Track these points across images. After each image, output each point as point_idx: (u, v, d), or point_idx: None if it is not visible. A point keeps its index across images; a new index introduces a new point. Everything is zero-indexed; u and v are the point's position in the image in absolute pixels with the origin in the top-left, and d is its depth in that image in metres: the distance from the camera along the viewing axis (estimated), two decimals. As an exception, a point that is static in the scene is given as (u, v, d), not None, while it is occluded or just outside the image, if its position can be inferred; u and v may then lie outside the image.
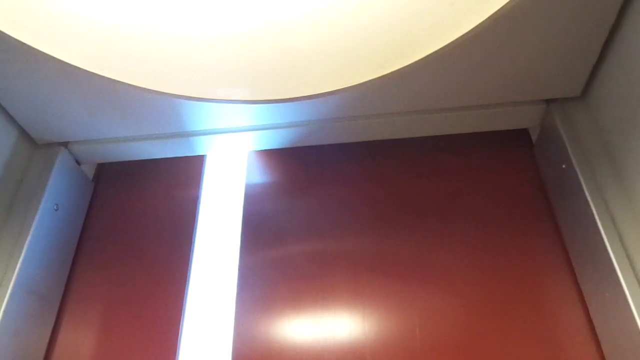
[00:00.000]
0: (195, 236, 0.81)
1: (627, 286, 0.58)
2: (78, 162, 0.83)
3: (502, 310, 0.70)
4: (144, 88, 0.59)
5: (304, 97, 0.64)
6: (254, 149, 0.81)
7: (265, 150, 0.82)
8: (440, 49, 0.62)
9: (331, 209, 0.82)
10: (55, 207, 0.75)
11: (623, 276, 0.59)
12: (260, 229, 0.81)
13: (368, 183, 0.84)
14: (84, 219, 0.84)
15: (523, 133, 0.85)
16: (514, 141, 0.86)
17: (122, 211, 0.85)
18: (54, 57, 0.59)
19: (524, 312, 0.70)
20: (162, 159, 0.84)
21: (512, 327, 0.69)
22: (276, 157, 0.88)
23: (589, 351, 0.66)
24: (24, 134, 0.76)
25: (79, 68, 0.60)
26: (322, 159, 0.88)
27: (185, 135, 0.78)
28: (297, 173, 0.87)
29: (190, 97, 0.58)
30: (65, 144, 0.79)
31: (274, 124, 0.76)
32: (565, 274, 0.72)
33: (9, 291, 0.65)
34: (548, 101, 0.75)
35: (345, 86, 0.66)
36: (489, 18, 0.59)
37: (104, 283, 0.78)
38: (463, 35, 0.61)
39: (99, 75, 0.60)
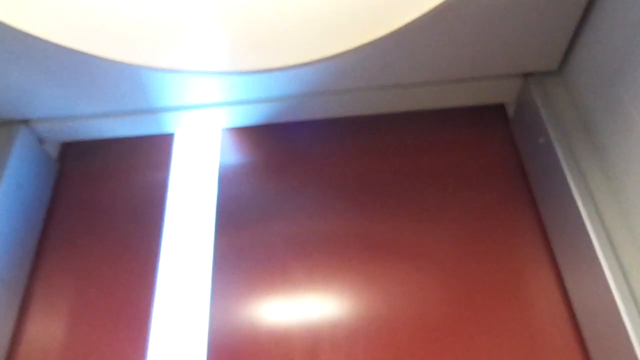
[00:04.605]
0: (164, 219, 0.78)
1: (604, 260, 0.58)
2: (40, 141, 0.79)
3: (478, 288, 0.70)
4: (110, 59, 0.56)
5: (277, 68, 0.62)
6: (228, 125, 0.78)
7: (239, 127, 0.79)
8: (414, 20, 0.61)
9: (306, 189, 0.80)
10: (16, 189, 0.71)
11: (601, 249, 0.59)
12: (235, 211, 0.79)
13: (340, 161, 0.83)
14: (48, 201, 0.80)
15: (499, 108, 0.85)
16: (490, 117, 0.85)
17: (88, 193, 0.82)
18: (12, 26, 0.55)
19: (501, 290, 0.70)
20: (130, 137, 0.80)
21: (488, 306, 0.69)
22: (250, 134, 0.86)
23: (566, 330, 0.66)
24: (-19, 111, 0.72)
25: (39, 38, 0.57)
26: (295, 136, 0.86)
27: (155, 111, 0.74)
28: (271, 151, 0.85)
29: (159, 68, 0.56)
30: (26, 122, 0.75)
31: (246, 99, 0.73)
32: (542, 250, 0.72)
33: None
34: (525, 75, 0.75)
35: (316, 58, 0.63)
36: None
37: (70, 267, 0.75)
38: (438, 6, 0.60)
39: (61, 46, 0.57)
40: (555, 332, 0.66)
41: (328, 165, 0.82)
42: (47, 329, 0.70)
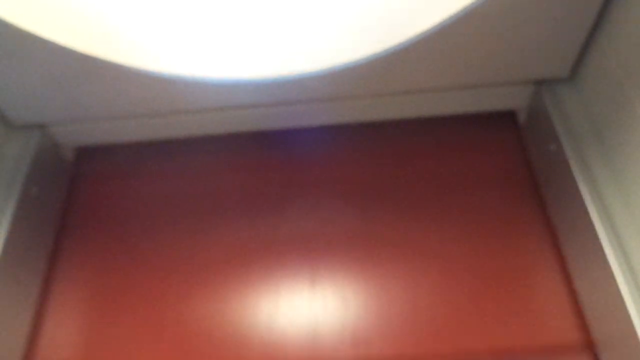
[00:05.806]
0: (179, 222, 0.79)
1: (618, 268, 0.58)
2: (56, 146, 0.80)
3: (488, 291, 0.70)
4: (125, 64, 0.57)
5: (292, 74, 0.62)
6: (244, 129, 0.79)
7: (254, 131, 0.80)
8: (427, 29, 0.61)
9: (314, 192, 0.81)
10: (33, 193, 0.72)
11: (614, 257, 0.59)
12: (241, 210, 0.80)
13: (351, 166, 0.83)
14: (64, 205, 0.81)
15: (510, 115, 0.85)
16: (500, 123, 0.85)
17: (104, 196, 0.83)
18: (30, 30, 0.56)
19: (510, 295, 0.69)
20: (146, 140, 0.81)
21: (497, 309, 0.69)
22: (259, 138, 0.87)
23: (575, 331, 0.66)
24: (-1, 115, 0.73)
25: (55, 43, 0.58)
26: (305, 141, 0.87)
27: (170, 115, 0.75)
28: (277, 155, 0.85)
29: (175, 74, 0.56)
30: (41, 126, 0.76)
31: (259, 102, 0.74)
32: (553, 257, 0.72)
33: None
34: (536, 82, 0.75)
35: (329, 65, 0.64)
36: (478, -2, 0.58)
37: (86, 271, 0.75)
38: (451, 16, 0.60)
39: (77, 51, 0.58)
40: (565, 334, 0.66)
41: (339, 170, 0.83)
42: (62, 331, 0.70)
